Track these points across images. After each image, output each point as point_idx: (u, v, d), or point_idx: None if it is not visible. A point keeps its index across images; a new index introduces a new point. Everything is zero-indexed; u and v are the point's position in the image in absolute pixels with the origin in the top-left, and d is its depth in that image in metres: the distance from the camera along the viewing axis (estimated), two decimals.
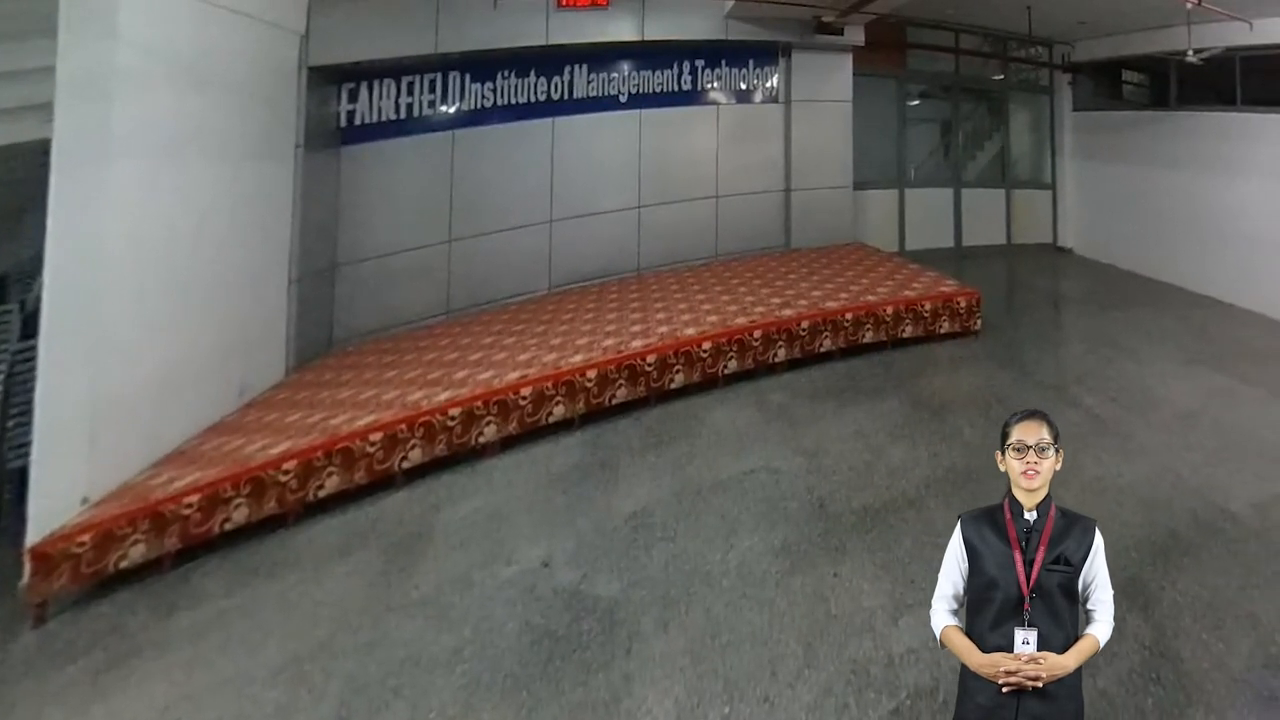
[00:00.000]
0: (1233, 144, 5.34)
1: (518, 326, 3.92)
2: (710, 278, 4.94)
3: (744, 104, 5.81)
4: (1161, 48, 5.64)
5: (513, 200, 4.69)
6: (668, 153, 5.39)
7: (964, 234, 7.22)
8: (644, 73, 5.32)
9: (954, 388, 3.88)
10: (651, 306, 4.19)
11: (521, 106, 4.80)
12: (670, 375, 3.53)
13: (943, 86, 7.17)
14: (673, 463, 2.93)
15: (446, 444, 2.86)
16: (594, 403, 3.25)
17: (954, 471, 2.99)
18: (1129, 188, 6.67)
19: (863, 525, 2.59)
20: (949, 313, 4.75)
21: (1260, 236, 4.55)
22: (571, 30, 4.70)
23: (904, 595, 2.22)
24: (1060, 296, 6.11)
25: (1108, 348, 4.65)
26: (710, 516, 2.58)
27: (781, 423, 3.33)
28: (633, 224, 5.21)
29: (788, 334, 4.04)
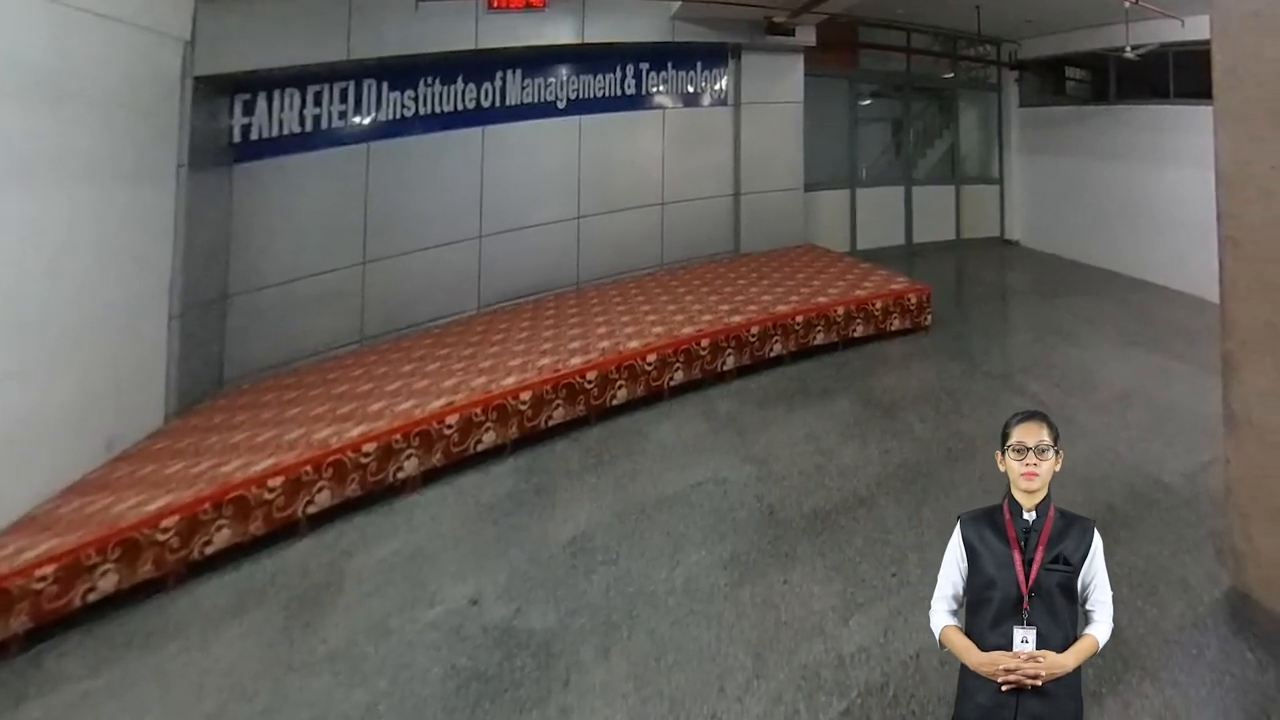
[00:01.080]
0: (1166, 135, 6.44)
1: (442, 351, 4.04)
2: (656, 288, 5.29)
3: (692, 108, 6.33)
4: (1102, 45, 6.82)
5: (437, 216, 4.84)
6: (610, 160, 5.77)
7: (915, 231, 8.17)
8: (584, 77, 5.65)
9: (905, 384, 4.36)
10: (592, 321, 4.45)
11: (447, 115, 4.99)
12: (612, 391, 3.75)
13: (894, 86, 8.18)
14: (615, 482, 3.11)
15: (360, 483, 2.91)
16: (528, 426, 3.40)
17: (905, 467, 3.38)
18: (1071, 180, 7.84)
19: (813, 529, 2.86)
20: (900, 310, 5.36)
21: (1191, 222, 5.34)
22: (504, 33, 4.92)
23: (855, 594, 2.49)
24: (1007, 288, 7.00)
25: (1052, 335, 5.40)
26: (655, 535, 2.77)
27: (730, 432, 3.61)
28: (571, 236, 5.51)
29: (737, 341, 4.41)
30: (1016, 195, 8.71)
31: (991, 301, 6.53)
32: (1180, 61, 5.99)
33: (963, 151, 8.71)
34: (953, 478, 3.29)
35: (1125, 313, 6.02)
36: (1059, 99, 8.20)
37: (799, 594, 2.49)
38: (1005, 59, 8.33)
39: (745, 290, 5.24)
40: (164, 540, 2.46)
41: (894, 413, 3.94)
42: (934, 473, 3.32)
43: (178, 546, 2.49)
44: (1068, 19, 6.83)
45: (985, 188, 8.86)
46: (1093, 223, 7.58)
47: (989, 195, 8.89)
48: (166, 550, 2.46)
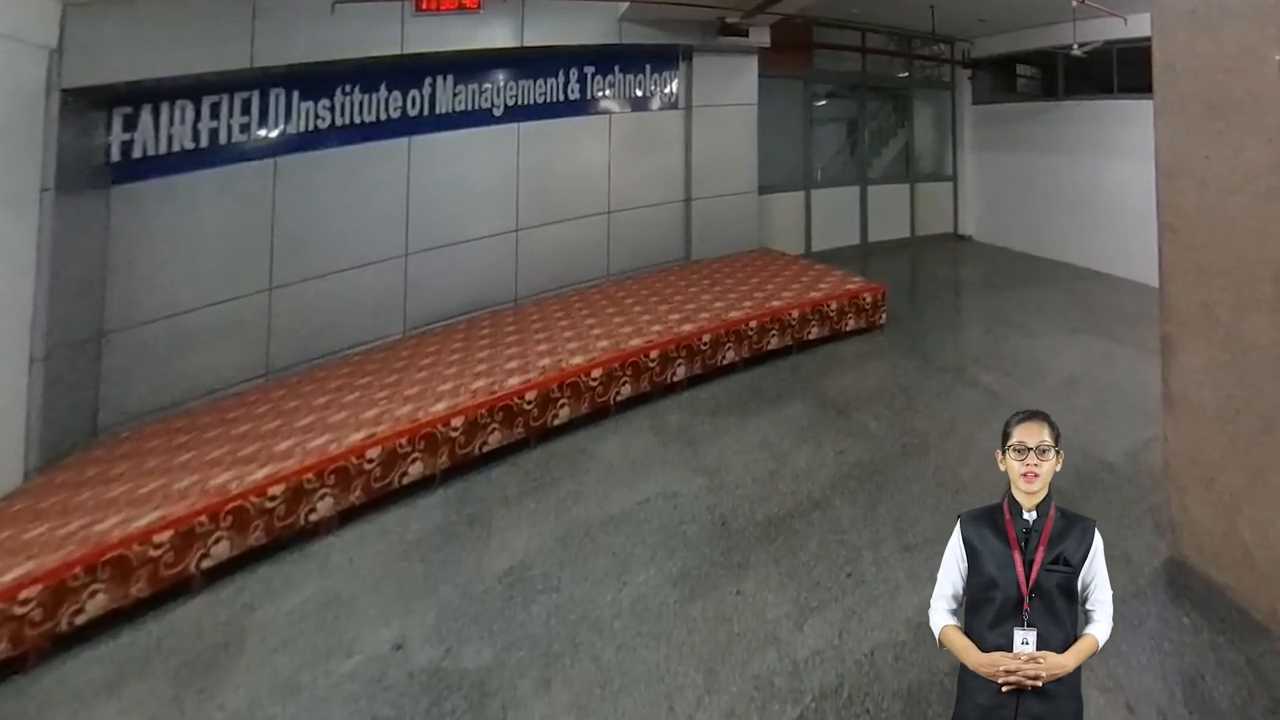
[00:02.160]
0: (1110, 128, 7.38)
1: (362, 380, 4.07)
2: (601, 300, 5.54)
3: (640, 112, 6.70)
4: (1051, 43, 7.77)
5: (356, 234, 4.90)
6: (551, 169, 6.02)
7: (870, 230, 8.95)
8: (523, 82, 5.88)
9: (859, 384, 4.76)
10: (531, 339, 4.61)
11: (368, 126, 5.06)
12: (554, 411, 3.90)
13: (849, 86, 9.01)
14: (556, 505, 3.22)
15: (265, 530, 2.88)
16: (460, 454, 3.48)
17: (859, 466, 3.69)
18: (1021, 174, 8.87)
19: (767, 536, 3.08)
20: (855, 309, 5.85)
21: (1133, 211, 6.01)
22: (433, 37, 5.02)
23: (809, 599, 2.71)
24: (960, 282, 7.75)
25: (1003, 326, 6.04)
26: (600, 557, 2.89)
27: (680, 444, 3.83)
28: (508, 250, 5.70)
29: (688, 350, 4.68)
30: (969, 191, 9.75)
31: (944, 296, 7.22)
32: (1123, 58, 6.91)
33: (917, 150, 9.69)
34: (906, 473, 3.63)
35: (1072, 301, 6.82)
36: (1010, 96, 9.34)
37: (752, 604, 2.67)
38: (959, 58, 9.41)
39: (697, 298, 5.58)
40: (23, 614, 2.34)
41: (848, 413, 4.29)
42: (888, 470, 3.65)
43: (40, 619, 2.37)
44: (1019, 18, 7.86)
45: (939, 185, 9.84)
46: (1041, 216, 8.59)
47: (943, 192, 9.87)
48: (26, 625, 2.35)
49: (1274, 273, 2.37)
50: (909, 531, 3.12)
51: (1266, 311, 2.40)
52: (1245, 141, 2.40)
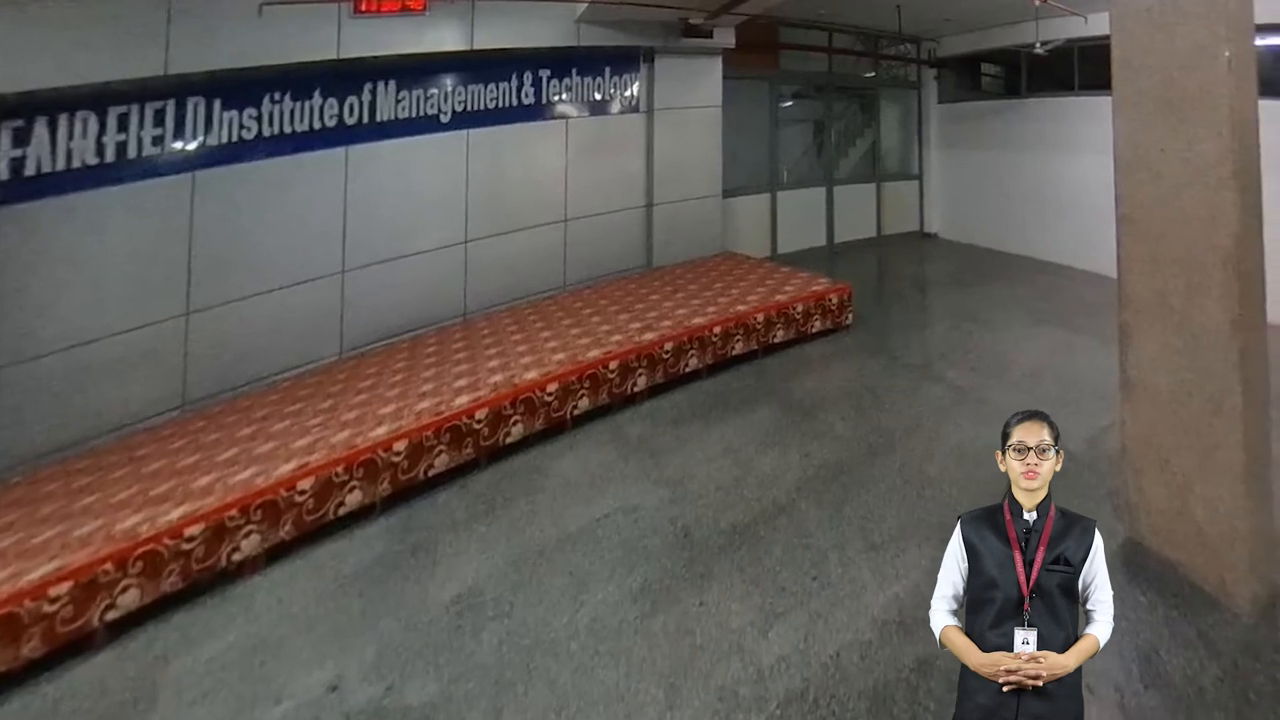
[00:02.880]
0: (1072, 124, 8.05)
1: (293, 406, 4.02)
2: (558, 312, 5.64)
3: (599, 116, 6.87)
4: (1014, 41, 8.48)
5: (286, 252, 4.86)
6: (504, 177, 6.13)
7: (836, 231, 9.43)
8: (473, 87, 5.95)
9: (825, 385, 4.99)
10: (482, 355, 4.66)
11: (300, 136, 5.03)
12: (506, 429, 3.94)
13: (816, 86, 9.53)
14: (509, 527, 3.26)
15: (181, 574, 2.80)
16: (403, 479, 3.47)
17: (825, 468, 3.87)
18: (986, 172, 9.57)
19: (731, 544, 3.20)
20: (821, 311, 6.14)
21: (1094, 204, 6.47)
22: (373, 41, 5.10)
23: (774, 604, 2.83)
24: (925, 280, 8.22)
25: (968, 322, 6.44)
26: (556, 577, 2.94)
27: (642, 456, 3.93)
28: (457, 262, 5.76)
29: (649, 360, 4.82)
30: (935, 189, 10.44)
31: (911, 294, 7.65)
32: (1084, 56, 7.52)
33: (884, 149, 10.32)
34: (873, 472, 3.83)
35: (1035, 294, 7.36)
36: (975, 94, 10.10)
37: (715, 614, 2.76)
38: (925, 57, 10.13)
39: (658, 306, 5.75)
40: None
41: (814, 415, 4.49)
42: (854, 470, 3.84)
43: None
44: (983, 17, 8.57)
45: (905, 184, 10.49)
46: (1005, 211, 9.28)
47: (909, 191, 10.53)
48: None
49: (1223, 260, 2.68)
50: (875, 530, 3.30)
51: (1216, 297, 2.70)
52: (1197, 135, 2.70)
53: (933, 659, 2.50)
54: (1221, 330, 2.69)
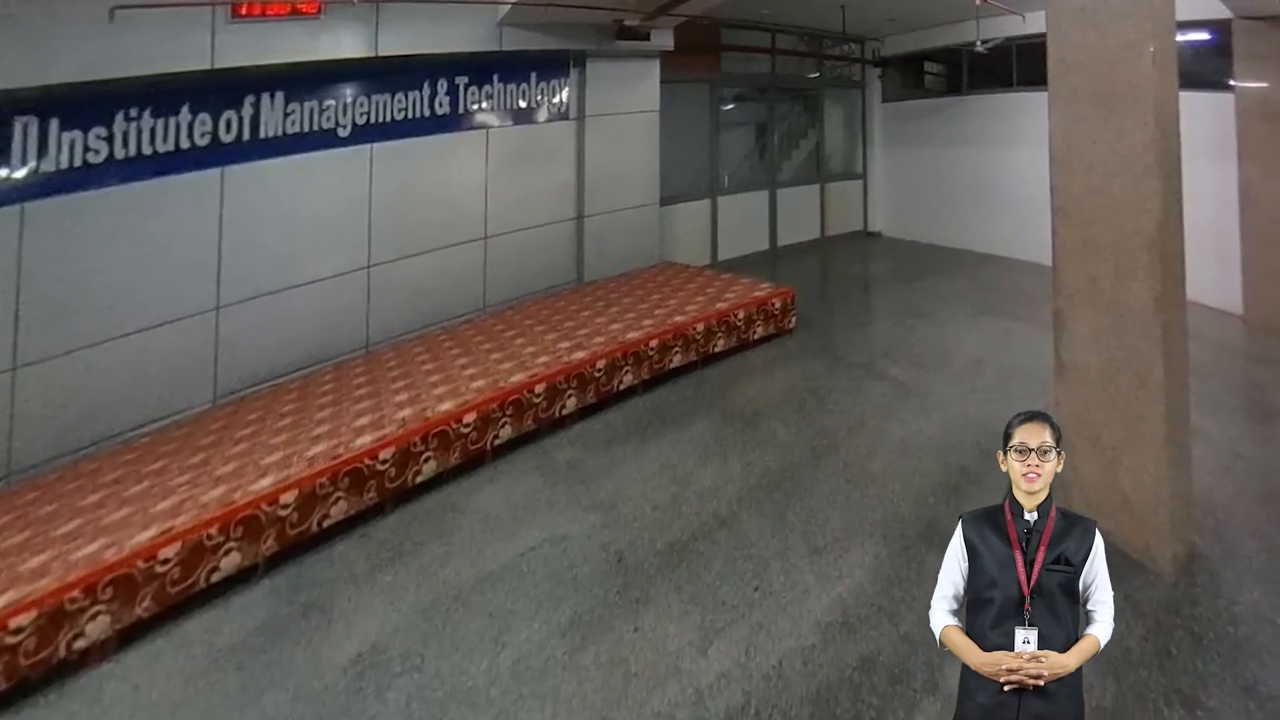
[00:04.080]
0: (1010, 120, 9.05)
1: (154, 465, 3.85)
2: (476, 336, 5.70)
3: (524, 124, 7.03)
4: (956, 40, 9.42)
5: (144, 290, 4.64)
6: (414, 194, 6.17)
7: (779, 234, 10.03)
8: (378, 97, 5.93)
9: (768, 391, 5.27)
10: (388, 389, 4.64)
11: (163, 157, 4.84)
12: (416, 467, 3.92)
13: (759, 88, 10.15)
14: (419, 573, 3.23)
15: (5, 672, 2.59)
16: (292, 534, 3.39)
17: (767, 476, 4.08)
18: (928, 168, 10.54)
19: (668, 564, 3.30)
20: (764, 316, 6.49)
21: (1030, 196, 7.23)
22: (257, 48, 5.03)
23: (714, 621, 2.95)
24: (869, 279, 8.86)
25: (911, 317, 6.98)
26: (474, 621, 2.93)
27: (571, 482, 4.01)
28: (358, 289, 5.73)
29: (579, 380, 4.94)
30: (879, 188, 11.39)
31: (854, 294, 8.23)
32: (1022, 53, 8.55)
33: (828, 149, 11.13)
34: (816, 475, 4.07)
35: (975, 286, 8.09)
36: (919, 93, 11.16)
37: (651, 639, 2.83)
38: (869, 57, 11.11)
39: (590, 322, 5.91)
40: None
41: (756, 423, 4.73)
42: (797, 475, 4.07)
43: None
44: (926, 16, 9.54)
45: (849, 183, 11.37)
46: (947, 207, 10.23)
47: (853, 190, 11.42)
48: None
49: (1148, 243, 3.12)
50: (818, 533, 3.51)
51: (1141, 279, 3.14)
52: (1126, 126, 3.15)
53: (876, 655, 2.69)
54: (1146, 309, 3.13)
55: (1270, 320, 6.49)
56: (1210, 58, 6.89)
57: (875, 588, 3.06)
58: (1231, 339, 6.31)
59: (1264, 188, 6.52)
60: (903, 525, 3.54)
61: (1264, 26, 6.40)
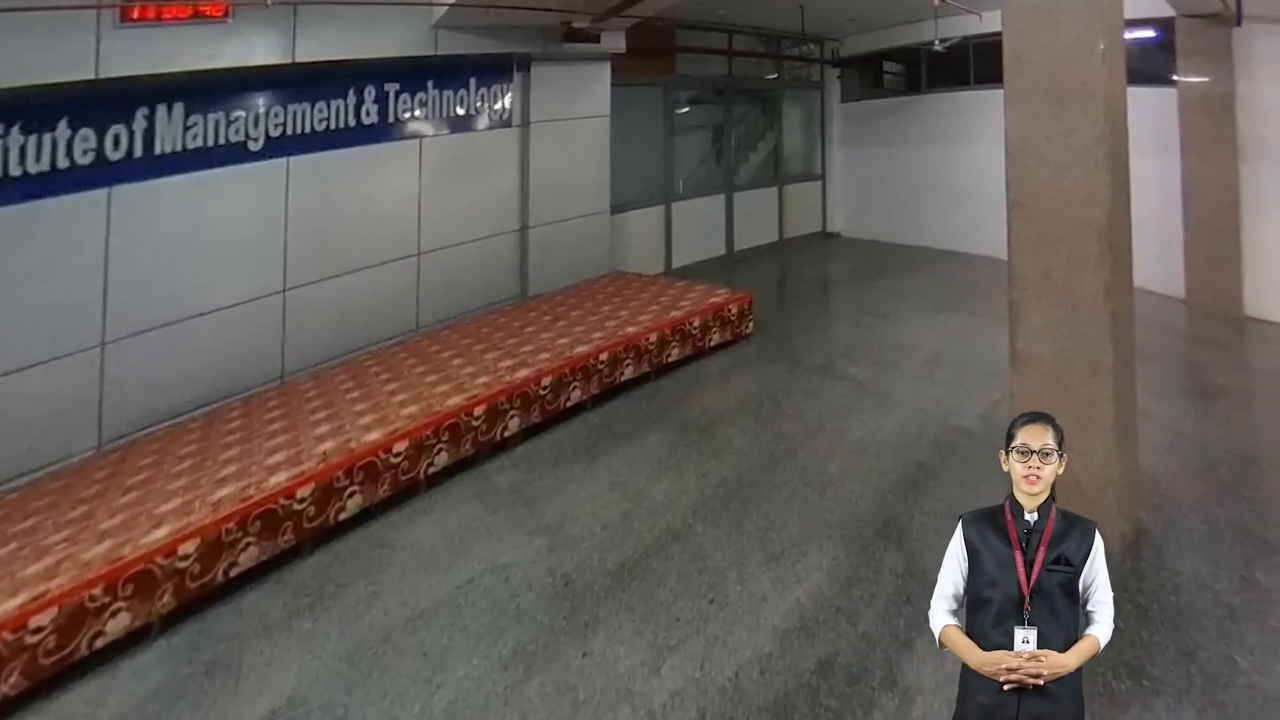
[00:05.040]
0: (968, 117, 9.70)
1: (23, 523, 3.63)
2: (409, 359, 5.67)
3: (462, 133, 7.02)
4: (914, 39, 10.06)
5: (11, 327, 4.39)
6: (337, 210, 6.10)
7: (736, 238, 10.37)
8: (296, 107, 5.82)
9: (724, 399, 5.41)
10: (306, 422, 4.56)
11: (36, 178, 4.54)
12: (339, 503, 3.86)
13: (715, 90, 10.50)
14: (342, 618, 3.16)
15: None
16: (193, 587, 3.27)
17: (724, 485, 4.19)
18: (887, 167, 11.15)
19: (619, 585, 3.35)
20: (720, 323, 6.67)
21: (987, 192, 7.59)
22: (151, 55, 4.88)
23: (667, 638, 3.01)
24: (828, 280, 9.24)
25: (869, 316, 7.30)
26: (406, 662, 2.88)
27: (514, 506, 4.02)
28: (272, 316, 5.62)
29: (523, 399, 4.96)
30: (838, 188, 11.97)
31: (813, 295, 8.57)
32: (979, 52, 9.31)
33: (786, 151, 11.58)
34: (773, 481, 4.21)
35: (933, 283, 8.54)
36: (878, 92, 11.85)
37: (601, 663, 2.85)
38: (828, 57, 11.68)
39: (535, 338, 5.96)
40: None
41: (712, 432, 4.85)
42: (755, 482, 4.20)
43: None
44: (885, 16, 10.12)
45: (808, 185, 11.89)
46: (905, 205, 10.82)
47: (812, 191, 11.93)
48: None
49: (1098, 234, 3.42)
50: (776, 540, 3.63)
51: (1093, 269, 3.43)
52: (1077, 121, 3.45)
53: (834, 656, 2.79)
54: (1097, 298, 3.43)
55: (1210, 303, 7.18)
56: (1155, 54, 7.66)
57: (834, 589, 3.18)
58: (1175, 322, 6.92)
59: (1204, 178, 7.25)
60: (861, 525, 3.69)
61: (1204, 24, 7.16)
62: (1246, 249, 7.09)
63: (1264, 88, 6.99)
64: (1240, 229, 7.10)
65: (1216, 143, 7.17)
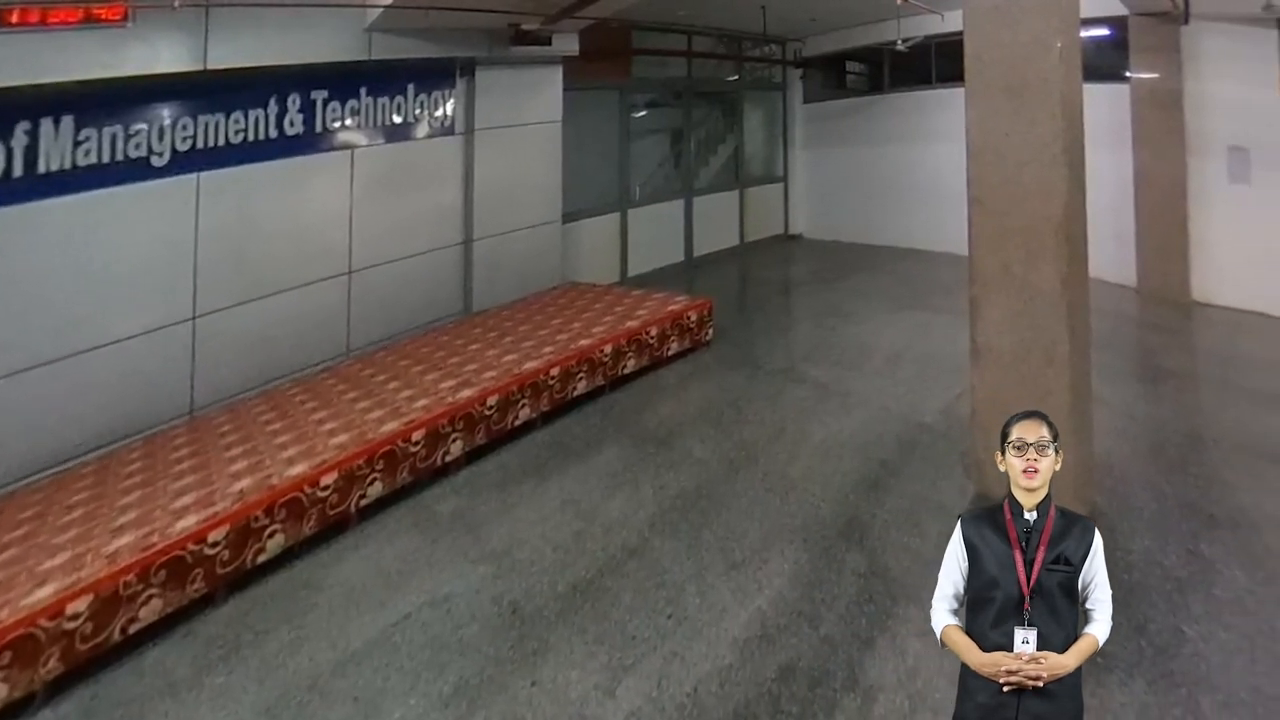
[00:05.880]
0: (930, 116, 10.21)
1: None
2: (339, 386, 5.57)
3: (399, 142, 6.99)
4: (877, 39, 10.50)
5: None
6: (256, 228, 5.94)
7: (696, 244, 10.61)
8: (207, 118, 5.64)
9: (683, 409, 5.50)
10: (220, 459, 4.44)
11: None
12: (258, 544, 3.75)
13: (674, 93, 10.76)
14: (261, 668, 3.06)
15: None
16: (84, 649, 3.11)
17: (682, 496, 4.24)
18: (850, 167, 11.63)
19: (571, 607, 3.34)
20: (679, 331, 6.77)
21: (948, 190, 7.84)
22: (32, 64, 4.68)
23: (623, 658, 3.02)
24: (790, 282, 9.51)
25: (831, 317, 7.53)
26: (335, 710, 2.82)
27: (456, 534, 3.98)
28: (179, 346, 5.45)
29: (466, 421, 4.93)
30: (800, 190, 12.41)
31: (774, 299, 8.82)
32: (941, 51, 9.77)
33: (747, 154, 11.92)
34: (734, 488, 4.29)
35: (895, 281, 8.89)
36: (840, 93, 12.42)
37: (551, 690, 2.85)
38: (790, 58, 12.11)
39: (480, 356, 5.94)
40: None
41: (670, 443, 4.92)
42: (714, 492, 4.28)
43: None
44: (848, 16, 10.60)
45: (770, 187, 12.27)
46: (868, 205, 11.29)
47: (773, 194, 12.32)
48: None
49: (1055, 227, 3.69)
50: (736, 548, 3.69)
51: (1050, 260, 3.70)
52: (1035, 118, 3.73)
53: (796, 662, 2.84)
54: (1054, 290, 3.71)
55: (1160, 290, 7.83)
56: (1109, 52, 8.35)
57: (795, 593, 3.25)
58: (1127, 309, 7.47)
59: (1155, 170, 7.93)
60: (823, 526, 3.80)
61: (1155, 22, 7.85)
62: (1193, 237, 7.77)
63: (1209, 83, 7.71)
64: (1188, 218, 7.76)
65: (1166, 136, 7.86)
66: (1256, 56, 7.27)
